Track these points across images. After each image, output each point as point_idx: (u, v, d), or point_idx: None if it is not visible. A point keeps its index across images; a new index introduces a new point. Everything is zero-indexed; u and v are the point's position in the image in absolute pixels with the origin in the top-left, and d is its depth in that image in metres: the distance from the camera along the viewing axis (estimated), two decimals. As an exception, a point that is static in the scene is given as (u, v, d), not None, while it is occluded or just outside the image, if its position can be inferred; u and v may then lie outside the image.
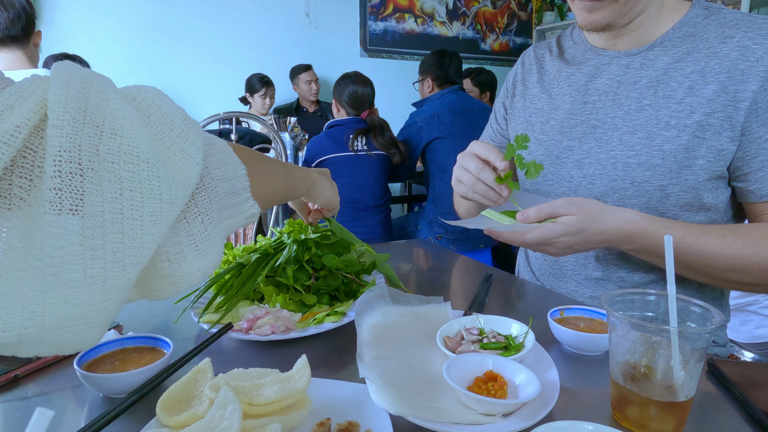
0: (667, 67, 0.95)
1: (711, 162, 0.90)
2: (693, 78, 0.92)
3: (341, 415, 0.58)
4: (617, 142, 0.98)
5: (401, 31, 5.35)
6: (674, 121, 0.92)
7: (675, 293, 0.58)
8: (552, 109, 1.10)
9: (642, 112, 0.96)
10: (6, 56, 2.02)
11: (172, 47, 4.44)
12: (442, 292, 0.88)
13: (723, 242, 0.85)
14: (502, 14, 5.84)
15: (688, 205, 0.94)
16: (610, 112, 1.00)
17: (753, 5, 4.10)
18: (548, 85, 1.13)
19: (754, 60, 0.87)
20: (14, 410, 0.62)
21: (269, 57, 4.77)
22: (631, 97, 0.98)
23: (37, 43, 2.12)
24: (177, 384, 0.59)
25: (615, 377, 0.59)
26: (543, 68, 1.17)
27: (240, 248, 0.96)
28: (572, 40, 1.14)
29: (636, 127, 0.96)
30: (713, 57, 0.91)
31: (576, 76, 1.08)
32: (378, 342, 0.70)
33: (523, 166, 0.86)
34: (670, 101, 0.93)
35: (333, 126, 2.66)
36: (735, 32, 0.90)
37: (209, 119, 1.90)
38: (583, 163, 1.02)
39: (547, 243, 0.86)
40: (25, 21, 2.00)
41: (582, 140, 1.03)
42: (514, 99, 1.21)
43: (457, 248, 2.74)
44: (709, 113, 0.89)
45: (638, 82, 0.98)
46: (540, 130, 1.11)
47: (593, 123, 1.02)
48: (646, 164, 0.94)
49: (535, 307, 0.96)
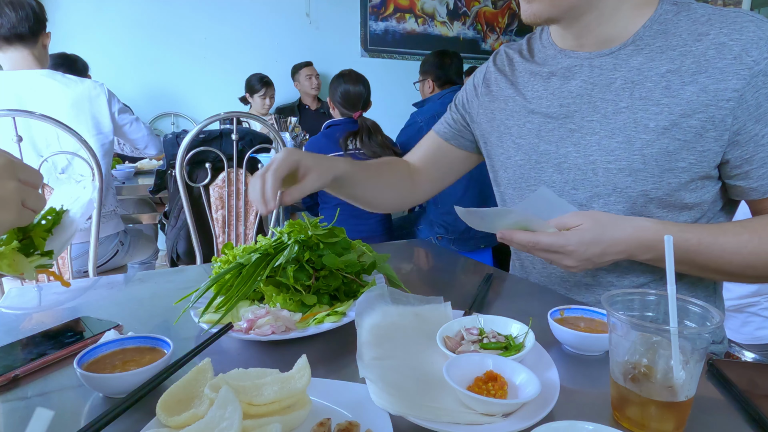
0: (641, 66, 0.93)
1: (693, 164, 0.89)
2: (669, 78, 0.90)
3: (341, 415, 0.58)
4: (596, 147, 0.96)
5: (402, 31, 5.35)
6: (653, 124, 0.90)
7: (675, 293, 0.58)
8: (528, 112, 1.07)
9: (619, 115, 0.94)
10: (13, 55, 2.04)
11: (172, 47, 4.45)
12: (442, 292, 0.88)
13: (739, 240, 0.85)
14: (502, 14, 5.85)
15: (670, 206, 0.93)
16: (587, 115, 0.98)
17: (754, 5, 4.10)
18: (522, 87, 1.10)
19: (732, 57, 0.85)
20: (14, 410, 0.62)
21: (270, 57, 4.78)
22: (607, 99, 0.96)
23: (46, 44, 2.14)
24: (177, 384, 0.59)
25: (615, 377, 0.59)
26: (515, 70, 1.14)
27: (240, 248, 0.96)
28: (541, 42, 1.11)
29: (614, 131, 0.94)
30: (688, 55, 0.89)
31: (550, 79, 1.05)
32: (378, 342, 0.70)
33: None
34: (647, 103, 0.91)
35: (330, 126, 2.66)
36: (708, 29, 0.88)
37: (210, 119, 1.90)
38: (562, 167, 1.01)
39: (561, 251, 0.84)
40: (34, 21, 2.01)
41: (559, 144, 1.01)
42: (486, 97, 1.18)
43: (458, 248, 2.74)
44: (689, 114, 0.88)
45: (612, 84, 0.96)
46: (517, 134, 1.09)
47: (570, 127, 1.00)
48: (628, 169, 0.92)
49: (535, 307, 0.95)
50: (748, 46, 0.84)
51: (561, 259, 0.86)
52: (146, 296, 1.02)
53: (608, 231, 0.84)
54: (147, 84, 4.42)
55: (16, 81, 2.02)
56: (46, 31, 2.11)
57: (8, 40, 2.00)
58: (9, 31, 1.98)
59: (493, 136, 1.15)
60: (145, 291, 1.05)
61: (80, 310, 0.96)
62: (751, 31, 0.85)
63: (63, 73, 2.13)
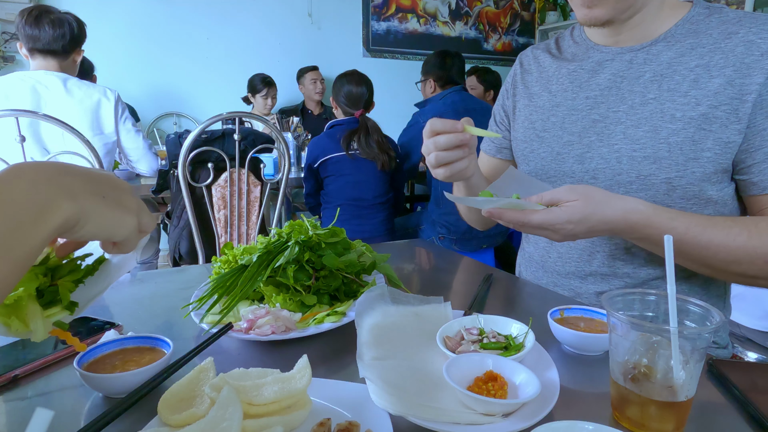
0: (671, 61, 0.95)
1: (718, 154, 0.90)
2: (697, 71, 0.92)
3: (341, 415, 0.58)
4: (621, 136, 0.98)
5: (404, 31, 5.35)
6: (680, 114, 0.92)
7: (675, 293, 0.57)
8: (553, 106, 1.10)
9: (646, 105, 0.96)
10: (39, 63, 2.12)
11: (175, 47, 4.46)
12: (442, 292, 0.88)
13: (728, 233, 0.85)
14: (504, 14, 5.84)
15: (694, 198, 0.94)
16: (613, 106, 1.00)
17: (757, 5, 4.09)
18: (548, 82, 1.13)
19: (759, 54, 0.88)
20: (14, 410, 0.62)
21: (272, 57, 4.79)
22: (635, 91, 0.98)
23: (77, 60, 2.23)
24: (179, 382, 0.59)
25: (615, 377, 0.59)
26: (542, 67, 1.17)
27: (240, 248, 0.96)
28: (573, 39, 1.14)
29: (640, 121, 0.96)
30: (717, 52, 0.91)
31: (577, 72, 1.08)
32: (378, 342, 0.70)
33: None
34: (675, 94, 0.93)
35: (334, 126, 2.67)
36: (738, 28, 0.91)
37: (212, 119, 1.91)
38: (584, 157, 1.02)
39: (550, 228, 0.83)
40: (69, 39, 2.10)
41: (582, 135, 1.03)
42: (515, 99, 1.21)
43: (460, 248, 2.74)
44: (715, 106, 0.90)
45: (642, 77, 0.98)
46: (542, 127, 1.11)
47: (594, 117, 1.02)
48: (652, 157, 0.94)
49: (535, 307, 0.95)
50: None
51: (549, 234, 0.85)
52: (146, 296, 1.02)
53: (599, 210, 0.83)
54: (150, 84, 4.43)
55: (33, 80, 2.07)
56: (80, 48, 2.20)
57: (42, 53, 2.10)
58: (44, 46, 2.08)
59: (519, 132, 1.18)
60: (146, 291, 1.06)
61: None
62: None
63: (78, 78, 2.20)
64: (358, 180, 2.60)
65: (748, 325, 1.73)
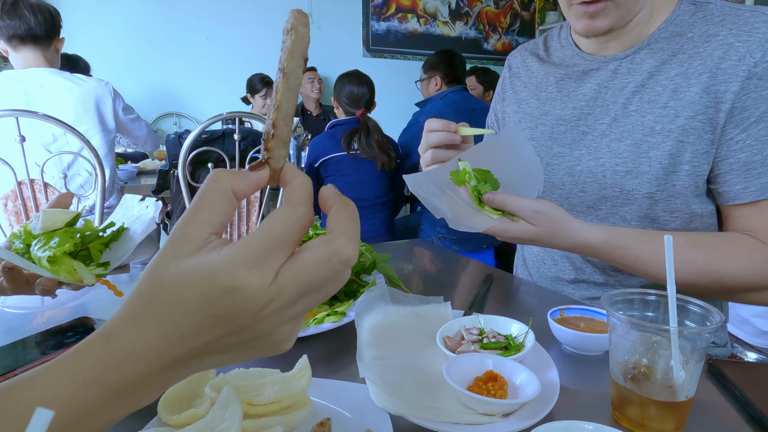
0: (653, 70, 0.93)
1: (695, 167, 0.89)
2: (677, 81, 0.90)
3: (341, 415, 0.58)
4: (606, 150, 0.96)
5: (404, 31, 5.35)
6: (659, 127, 0.90)
7: (675, 293, 0.57)
8: (541, 114, 1.08)
9: (628, 118, 0.94)
10: (25, 55, 2.11)
11: (174, 48, 4.46)
12: (442, 292, 0.88)
13: (682, 259, 0.84)
14: (504, 14, 5.84)
15: (678, 212, 0.93)
16: (599, 118, 0.99)
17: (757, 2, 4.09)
18: (536, 89, 1.11)
19: (737, 59, 0.84)
20: (15, 410, 0.62)
21: (271, 57, 4.78)
22: (618, 102, 0.96)
23: (59, 49, 2.23)
24: (179, 382, 0.59)
25: (615, 377, 0.59)
26: (530, 72, 1.14)
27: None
28: (559, 42, 1.12)
29: (623, 134, 0.94)
30: (696, 57, 0.88)
31: (565, 81, 1.05)
32: (378, 342, 0.70)
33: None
34: (654, 106, 0.91)
35: (334, 126, 2.67)
36: (719, 30, 0.88)
37: (212, 119, 1.91)
38: (574, 170, 1.01)
39: (504, 236, 0.83)
40: (50, 25, 2.11)
41: (572, 147, 1.02)
42: (504, 104, 1.20)
43: (460, 248, 2.74)
44: (692, 116, 0.87)
45: (625, 88, 0.96)
46: (530, 135, 1.09)
47: (583, 129, 1.01)
48: (634, 172, 0.92)
49: (535, 307, 0.95)
50: (754, 47, 0.83)
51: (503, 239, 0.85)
52: (147, 296, 1.02)
53: (554, 239, 0.84)
54: (149, 84, 4.43)
55: (25, 79, 2.06)
56: (60, 36, 2.20)
57: (23, 40, 2.08)
58: (25, 32, 2.07)
59: None
60: (147, 291, 1.05)
61: (81, 309, 0.96)
62: (761, 32, 0.84)
63: (70, 72, 2.19)
64: (359, 180, 2.60)
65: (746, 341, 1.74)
